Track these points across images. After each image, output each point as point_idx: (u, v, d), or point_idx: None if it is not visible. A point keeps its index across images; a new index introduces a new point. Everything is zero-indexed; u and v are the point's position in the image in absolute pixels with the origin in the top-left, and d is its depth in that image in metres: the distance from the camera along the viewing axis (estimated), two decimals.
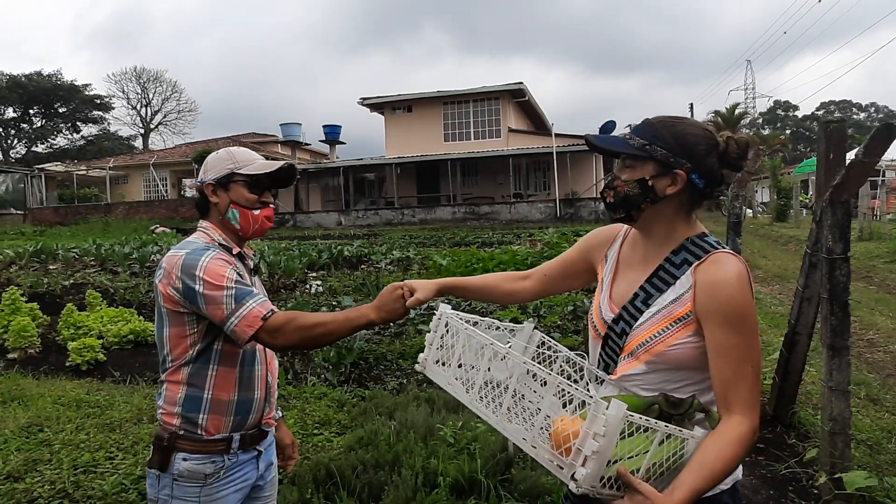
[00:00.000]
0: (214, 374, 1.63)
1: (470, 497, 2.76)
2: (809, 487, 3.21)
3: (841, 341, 3.05)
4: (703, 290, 1.25)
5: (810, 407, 4.12)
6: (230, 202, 1.73)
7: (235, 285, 1.56)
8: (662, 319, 1.29)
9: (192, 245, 1.64)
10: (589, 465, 1.09)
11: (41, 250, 14.30)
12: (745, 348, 1.22)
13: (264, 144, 37.07)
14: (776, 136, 43.03)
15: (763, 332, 6.52)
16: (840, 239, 3.04)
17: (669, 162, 1.28)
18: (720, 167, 1.30)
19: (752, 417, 1.21)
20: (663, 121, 1.33)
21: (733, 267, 1.25)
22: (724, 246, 1.32)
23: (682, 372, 1.29)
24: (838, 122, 3.20)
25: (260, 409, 1.72)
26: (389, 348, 5.71)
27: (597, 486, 1.11)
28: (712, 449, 1.17)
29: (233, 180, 1.73)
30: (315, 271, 11.75)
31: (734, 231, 6.04)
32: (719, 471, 1.16)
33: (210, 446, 1.61)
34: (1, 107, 45.11)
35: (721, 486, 1.29)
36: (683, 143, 1.28)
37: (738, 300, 1.22)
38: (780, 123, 74.12)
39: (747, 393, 1.21)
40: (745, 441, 1.19)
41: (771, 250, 15.03)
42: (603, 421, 1.07)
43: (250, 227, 1.75)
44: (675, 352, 1.27)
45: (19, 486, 3.03)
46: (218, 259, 1.60)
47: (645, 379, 1.31)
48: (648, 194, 1.30)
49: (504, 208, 26.65)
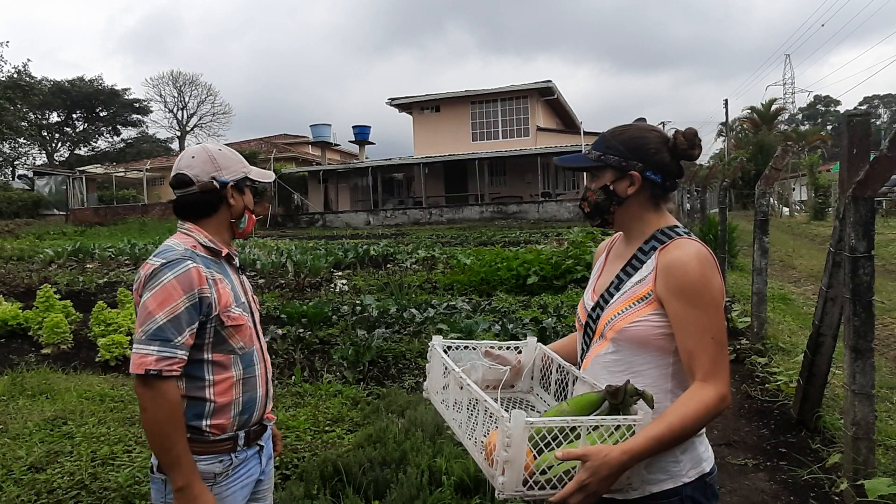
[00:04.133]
0: (211, 382, 1.60)
1: (475, 496, 2.74)
2: (832, 494, 3.10)
3: (864, 343, 2.94)
4: (663, 270, 1.34)
5: (837, 411, 3.97)
6: (244, 206, 1.71)
7: (165, 321, 1.49)
8: (627, 299, 1.39)
9: (170, 253, 1.57)
10: (507, 473, 1.18)
11: (79, 249, 14.80)
12: (704, 320, 1.29)
13: (295, 145, 37.66)
14: (815, 133, 41.75)
15: (793, 334, 6.33)
16: (863, 237, 2.93)
17: (622, 166, 1.42)
18: (673, 160, 1.42)
19: (715, 384, 1.27)
20: (613, 130, 1.47)
21: (692, 248, 1.34)
22: (692, 235, 1.41)
23: (645, 354, 1.37)
24: (862, 115, 3.08)
25: (262, 406, 1.72)
26: (409, 347, 5.72)
27: (521, 489, 1.19)
28: (672, 408, 1.26)
29: (246, 184, 1.71)
30: (341, 270, 11.87)
31: (761, 230, 5.86)
32: (677, 426, 1.22)
33: (217, 446, 1.60)
34: (46, 111, 46.70)
35: (683, 479, 1.34)
36: (632, 146, 1.41)
37: (694, 275, 1.30)
38: (820, 119, 71.84)
39: (708, 362, 1.28)
40: (707, 404, 1.25)
41: (806, 249, 14.58)
42: (507, 432, 1.16)
43: (248, 232, 1.74)
44: (635, 329, 1.35)
45: (40, 476, 3.13)
46: (185, 279, 1.53)
47: (612, 360, 1.40)
48: (613, 198, 1.44)
49: (532, 207, 26.49)
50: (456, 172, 30.31)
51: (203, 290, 1.56)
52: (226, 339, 1.62)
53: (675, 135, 1.42)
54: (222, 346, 1.61)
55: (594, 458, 1.17)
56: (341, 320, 6.69)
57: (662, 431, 1.21)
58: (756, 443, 3.82)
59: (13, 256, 14.73)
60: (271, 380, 1.80)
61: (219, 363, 1.60)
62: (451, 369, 1.48)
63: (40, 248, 15.96)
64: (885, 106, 72.61)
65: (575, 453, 1.18)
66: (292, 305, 7.35)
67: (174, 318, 1.51)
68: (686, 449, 1.35)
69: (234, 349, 1.63)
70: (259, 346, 1.73)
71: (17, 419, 4.04)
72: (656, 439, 1.20)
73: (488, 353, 1.62)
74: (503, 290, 8.85)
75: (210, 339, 1.59)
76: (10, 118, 34.47)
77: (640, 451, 1.20)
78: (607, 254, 1.57)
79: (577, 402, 1.31)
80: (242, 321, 1.65)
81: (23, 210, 30.67)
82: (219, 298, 1.60)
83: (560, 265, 9.16)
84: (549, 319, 6.23)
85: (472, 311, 7.22)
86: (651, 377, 1.36)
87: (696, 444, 1.37)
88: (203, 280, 1.57)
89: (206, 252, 1.65)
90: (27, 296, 8.58)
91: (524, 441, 1.17)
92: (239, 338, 1.64)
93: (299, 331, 6.20)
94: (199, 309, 1.55)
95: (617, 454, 1.18)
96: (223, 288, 1.62)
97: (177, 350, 1.51)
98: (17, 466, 3.25)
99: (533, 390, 1.68)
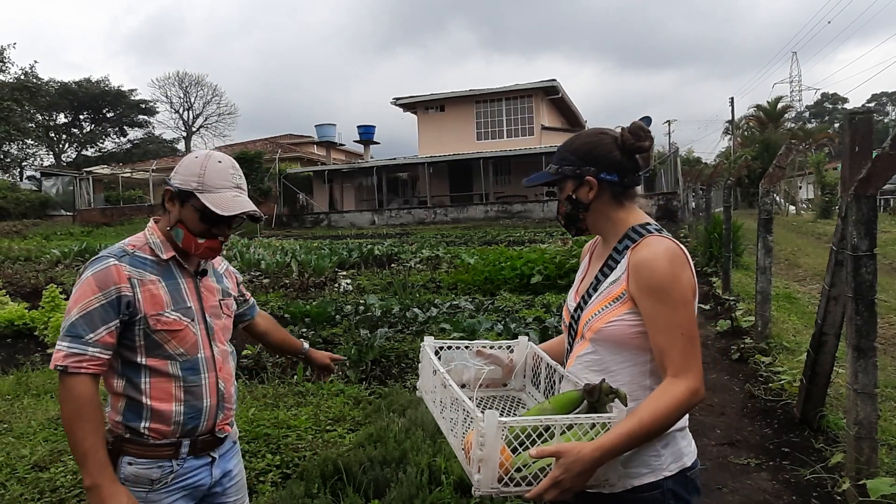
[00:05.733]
0: (148, 386, 1.56)
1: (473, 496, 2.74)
2: (834, 494, 3.09)
3: (867, 342, 2.93)
4: (634, 270, 1.37)
5: (840, 410, 3.95)
6: (178, 220, 1.61)
7: (77, 317, 1.49)
8: (603, 300, 1.42)
9: (105, 250, 1.60)
10: (482, 471, 1.22)
11: (86, 250, 14.87)
12: (672, 316, 1.31)
13: (300, 145, 37.71)
14: (822, 131, 41.49)
15: (797, 333, 6.29)
16: (866, 235, 2.91)
17: (577, 173, 1.46)
18: (625, 157, 1.45)
19: (686, 379, 1.29)
20: (566, 142, 1.53)
21: (660, 245, 1.36)
22: (663, 232, 1.43)
23: (623, 353, 1.39)
24: (864, 113, 3.06)
25: (212, 416, 1.65)
26: (411, 346, 5.73)
27: (497, 486, 1.23)
28: (644, 404, 1.28)
29: (189, 200, 1.59)
30: (345, 270, 11.89)
31: (765, 228, 5.83)
32: (647, 421, 1.24)
33: (157, 451, 1.56)
34: (53, 113, 46.98)
35: (664, 472, 1.36)
36: (583, 153, 1.47)
37: (661, 273, 1.32)
38: (827, 117, 71.39)
39: (678, 356, 1.30)
40: (678, 399, 1.27)
41: (812, 248, 14.50)
42: (481, 431, 1.20)
43: (190, 251, 1.62)
44: (611, 328, 1.38)
45: (44, 475, 3.16)
46: (101, 275, 1.52)
47: (592, 360, 1.43)
48: (578, 206, 1.49)
49: (537, 206, 26.44)
50: (460, 172, 30.29)
51: (122, 288, 1.53)
52: (160, 343, 1.57)
53: (620, 132, 1.46)
54: (157, 351, 1.57)
55: (567, 455, 1.20)
56: (345, 320, 6.70)
57: (633, 427, 1.23)
58: (759, 442, 3.80)
59: (20, 257, 14.83)
60: (229, 388, 1.71)
61: (155, 369, 1.57)
62: (437, 369, 1.51)
63: (47, 249, 16.07)
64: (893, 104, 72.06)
65: (548, 450, 1.21)
66: (296, 305, 7.37)
67: (86, 315, 1.49)
68: (668, 443, 1.37)
69: (173, 355, 1.59)
70: (210, 354, 1.66)
71: (22, 418, 4.07)
72: (627, 435, 1.23)
73: (480, 353, 1.66)
74: (507, 289, 8.85)
75: (141, 342, 1.56)
76: (18, 119, 34.72)
77: (611, 446, 1.22)
78: (590, 255, 1.60)
79: (559, 400, 1.35)
80: (179, 326, 1.59)
81: (30, 211, 30.85)
82: (145, 300, 1.55)
83: (564, 264, 9.15)
84: (552, 319, 6.22)
85: (476, 310, 7.22)
86: (630, 375, 1.39)
87: (677, 438, 1.40)
88: (123, 278, 1.53)
89: (148, 252, 1.61)
90: (33, 296, 8.63)
91: (497, 440, 1.20)
92: (176, 343, 1.59)
93: (303, 330, 6.22)
94: (116, 307, 1.52)
95: (589, 450, 1.21)
96: (154, 290, 1.57)
97: (87, 347, 1.48)
98: (21, 465, 3.27)
99: (525, 388, 1.70)
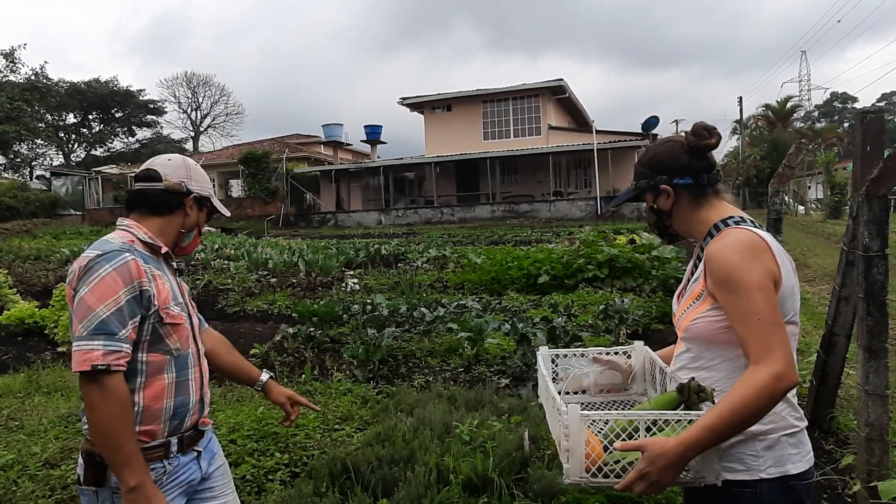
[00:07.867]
0: (143, 385, 1.54)
1: (482, 495, 2.74)
2: (845, 496, 3.07)
3: (878, 343, 2.91)
4: (707, 266, 1.40)
5: (851, 412, 3.93)
6: (196, 223, 1.70)
7: (108, 314, 1.44)
8: (688, 298, 1.49)
9: (106, 246, 1.53)
10: (570, 461, 1.30)
11: None
12: (744, 304, 1.30)
13: (307, 145, 37.80)
14: (831, 130, 41.20)
15: (807, 334, 6.25)
16: (877, 235, 2.89)
17: (652, 185, 1.54)
18: (694, 159, 1.50)
19: (768, 364, 1.25)
20: (639, 157, 1.61)
21: (730, 237, 1.37)
22: (743, 223, 1.42)
23: (714, 349, 1.41)
24: (876, 112, 3.04)
25: (197, 411, 1.68)
26: (419, 346, 5.73)
27: (585, 476, 1.30)
28: (725, 396, 1.27)
29: (206, 205, 1.71)
30: (352, 269, 11.91)
31: (774, 228, 5.79)
32: (726, 412, 1.23)
33: (148, 454, 1.54)
34: (62, 113, 47.30)
35: (761, 474, 1.33)
36: (653, 164, 1.55)
37: (728, 264, 1.33)
38: (837, 116, 70.85)
39: (756, 343, 1.28)
40: (758, 386, 1.23)
41: (822, 248, 14.40)
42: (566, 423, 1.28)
43: (189, 251, 1.72)
44: (697, 326, 1.42)
45: (55, 472, 3.18)
46: (124, 270, 1.49)
47: (687, 359, 1.48)
48: (661, 215, 1.57)
49: (544, 206, 26.40)
50: (467, 171, 30.27)
51: (143, 282, 1.53)
52: (163, 337, 1.58)
53: (685, 136, 1.52)
54: (158, 346, 1.58)
55: (651, 449, 1.23)
56: (352, 319, 6.71)
57: (713, 420, 1.23)
58: None
59: (30, 256, 14.95)
60: (206, 385, 1.75)
61: (153, 364, 1.57)
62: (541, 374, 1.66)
63: (57, 248, 16.18)
64: None
65: (632, 444, 1.26)
66: (303, 304, 7.39)
67: (117, 311, 1.46)
68: (770, 446, 1.35)
69: (170, 350, 1.60)
70: (195, 349, 1.70)
71: (33, 416, 4.10)
72: (708, 428, 1.23)
73: (596, 359, 1.75)
74: (514, 289, 8.84)
75: (147, 337, 1.55)
76: (28, 120, 34.97)
77: (694, 440, 1.23)
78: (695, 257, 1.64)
79: (658, 400, 1.41)
80: (181, 320, 1.63)
81: (40, 210, 31.09)
82: (158, 294, 1.56)
83: (571, 264, 9.13)
84: (559, 319, 6.20)
85: (483, 310, 7.21)
86: (724, 370, 1.40)
87: (783, 442, 1.36)
88: (142, 273, 1.53)
89: (144, 248, 1.62)
90: (44, 294, 8.71)
91: (581, 432, 1.28)
92: (176, 338, 1.61)
93: (310, 329, 6.24)
94: (139, 302, 1.51)
95: (673, 444, 1.23)
96: (162, 284, 1.60)
97: (122, 343, 1.46)
98: (32, 462, 3.29)
99: (646, 393, 1.74)
